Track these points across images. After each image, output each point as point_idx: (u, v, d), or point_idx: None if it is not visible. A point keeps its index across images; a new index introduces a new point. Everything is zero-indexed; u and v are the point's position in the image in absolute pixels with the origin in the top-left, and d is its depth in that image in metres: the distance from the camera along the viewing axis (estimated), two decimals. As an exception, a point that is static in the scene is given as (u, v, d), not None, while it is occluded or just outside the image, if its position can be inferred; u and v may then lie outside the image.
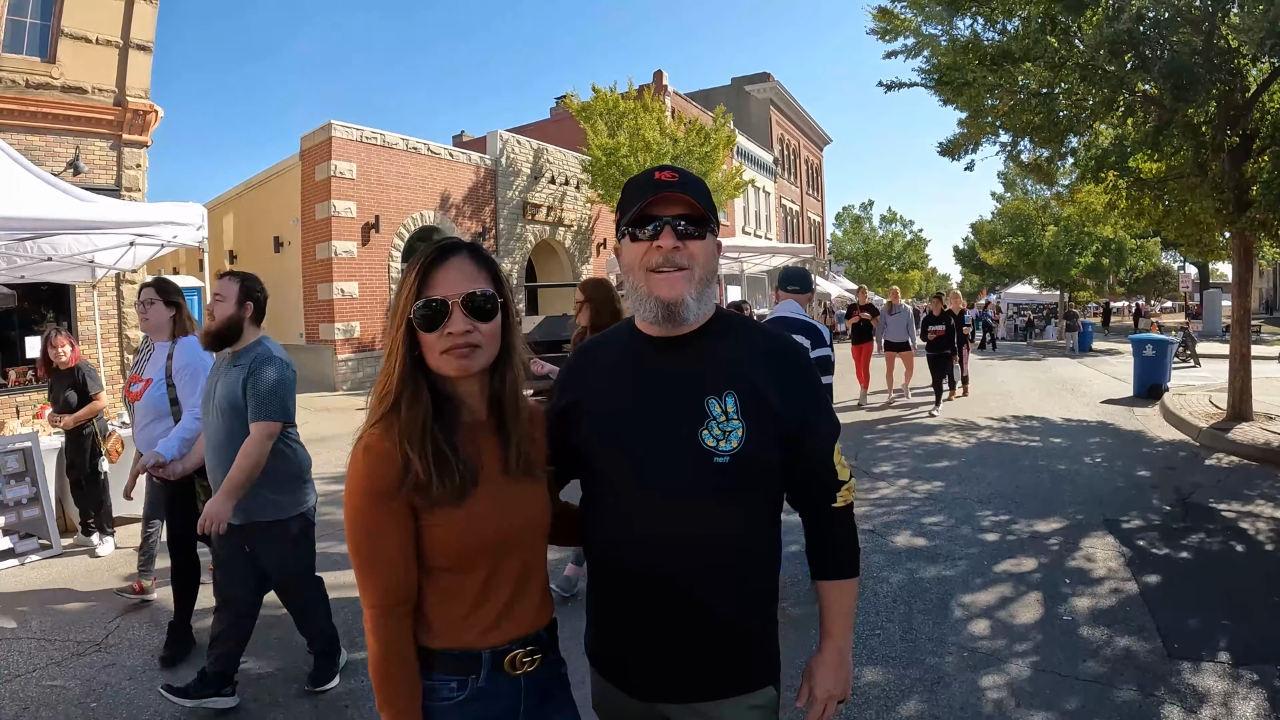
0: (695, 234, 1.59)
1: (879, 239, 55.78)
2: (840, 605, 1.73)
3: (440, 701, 1.52)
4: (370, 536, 1.46)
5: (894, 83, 10.61)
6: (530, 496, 1.60)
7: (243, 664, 3.87)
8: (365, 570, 1.48)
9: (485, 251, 1.60)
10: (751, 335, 1.71)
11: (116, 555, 6.30)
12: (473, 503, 1.49)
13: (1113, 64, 8.52)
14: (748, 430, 1.56)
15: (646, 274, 1.59)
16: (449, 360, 1.49)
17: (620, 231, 1.65)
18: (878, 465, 8.85)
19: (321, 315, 18.17)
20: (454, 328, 1.47)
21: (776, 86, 41.99)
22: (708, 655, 1.61)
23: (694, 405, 1.58)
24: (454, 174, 20.73)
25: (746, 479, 1.58)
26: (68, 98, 12.38)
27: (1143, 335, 14.80)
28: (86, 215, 6.13)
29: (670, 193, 1.58)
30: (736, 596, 1.61)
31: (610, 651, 1.73)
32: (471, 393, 1.58)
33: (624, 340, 1.76)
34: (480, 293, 1.51)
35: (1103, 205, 13.00)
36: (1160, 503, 6.92)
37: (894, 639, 4.34)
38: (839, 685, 1.70)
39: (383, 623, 1.47)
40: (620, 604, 1.67)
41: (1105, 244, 30.34)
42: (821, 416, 1.68)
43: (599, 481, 1.70)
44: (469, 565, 1.51)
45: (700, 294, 1.61)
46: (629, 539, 1.61)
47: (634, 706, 1.69)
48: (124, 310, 13.12)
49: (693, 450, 1.56)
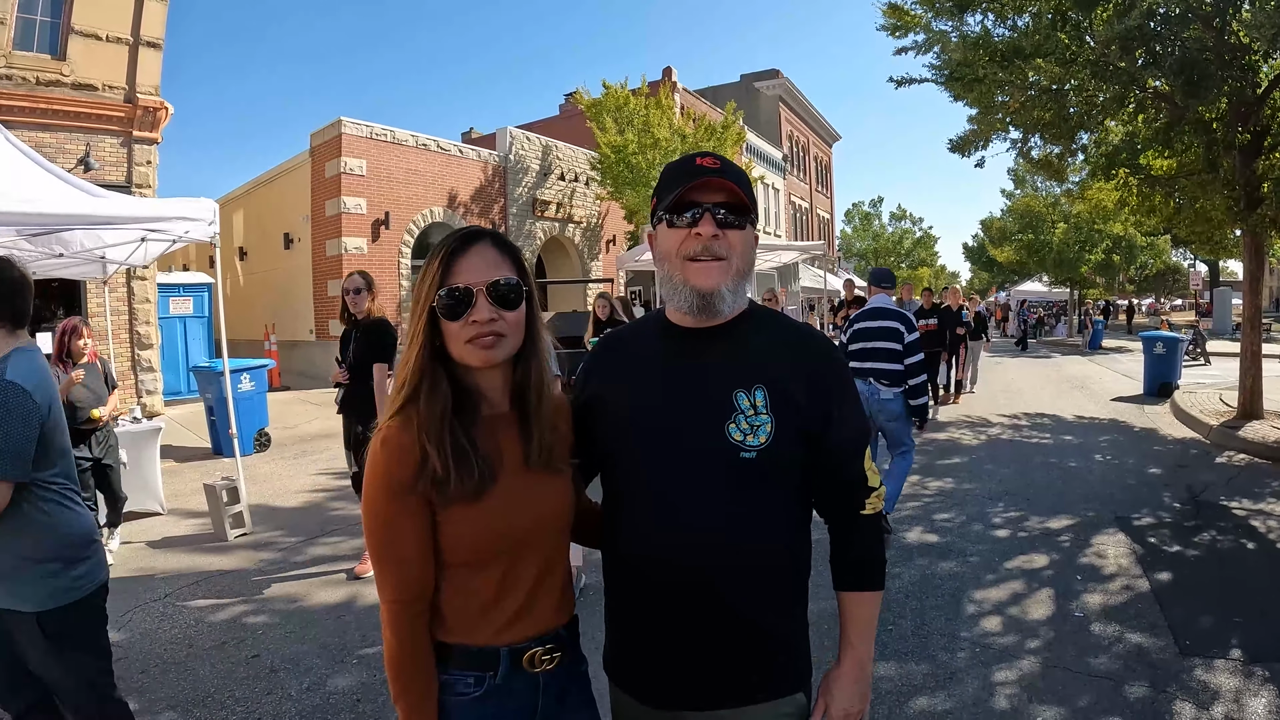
0: (736, 223, 1.54)
1: (888, 236, 55.71)
2: (862, 617, 1.65)
3: (456, 696, 1.51)
4: (387, 531, 1.45)
5: (904, 79, 10.57)
6: (552, 491, 1.57)
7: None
8: (382, 565, 1.47)
9: (508, 240, 1.57)
10: (783, 329, 1.66)
11: (126, 549, 6.33)
12: (491, 499, 1.46)
13: (1123, 60, 8.47)
14: (776, 425, 1.51)
15: (683, 262, 1.54)
16: (473, 350, 1.46)
17: (656, 217, 1.59)
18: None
19: (331, 312, 18.15)
20: (479, 315, 1.44)
21: (786, 83, 41.88)
22: (732, 659, 1.55)
23: (722, 398, 1.52)
24: (463, 170, 20.75)
25: (773, 475, 1.53)
26: (78, 95, 12.42)
27: (1153, 333, 14.77)
28: (98, 211, 6.14)
29: (712, 178, 1.51)
30: (763, 597, 1.55)
31: (629, 658, 1.66)
32: (494, 384, 1.55)
33: (652, 331, 1.70)
34: (505, 281, 1.48)
35: (1113, 202, 12.92)
36: (1171, 500, 6.90)
37: (906, 634, 4.33)
38: (857, 702, 1.62)
39: (399, 618, 1.46)
40: (640, 605, 1.61)
41: (1115, 241, 30.27)
42: (848, 415, 1.60)
43: (620, 475, 1.65)
44: (486, 561, 1.49)
45: (737, 286, 1.56)
46: (650, 536, 1.56)
47: (657, 718, 1.63)
48: (135, 307, 13.17)
49: (719, 444, 1.50)
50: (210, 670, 4.15)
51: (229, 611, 5.00)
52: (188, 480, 8.54)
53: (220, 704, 3.78)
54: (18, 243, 6.73)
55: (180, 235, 7.04)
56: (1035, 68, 8.91)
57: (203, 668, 4.17)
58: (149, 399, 13.06)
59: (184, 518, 7.33)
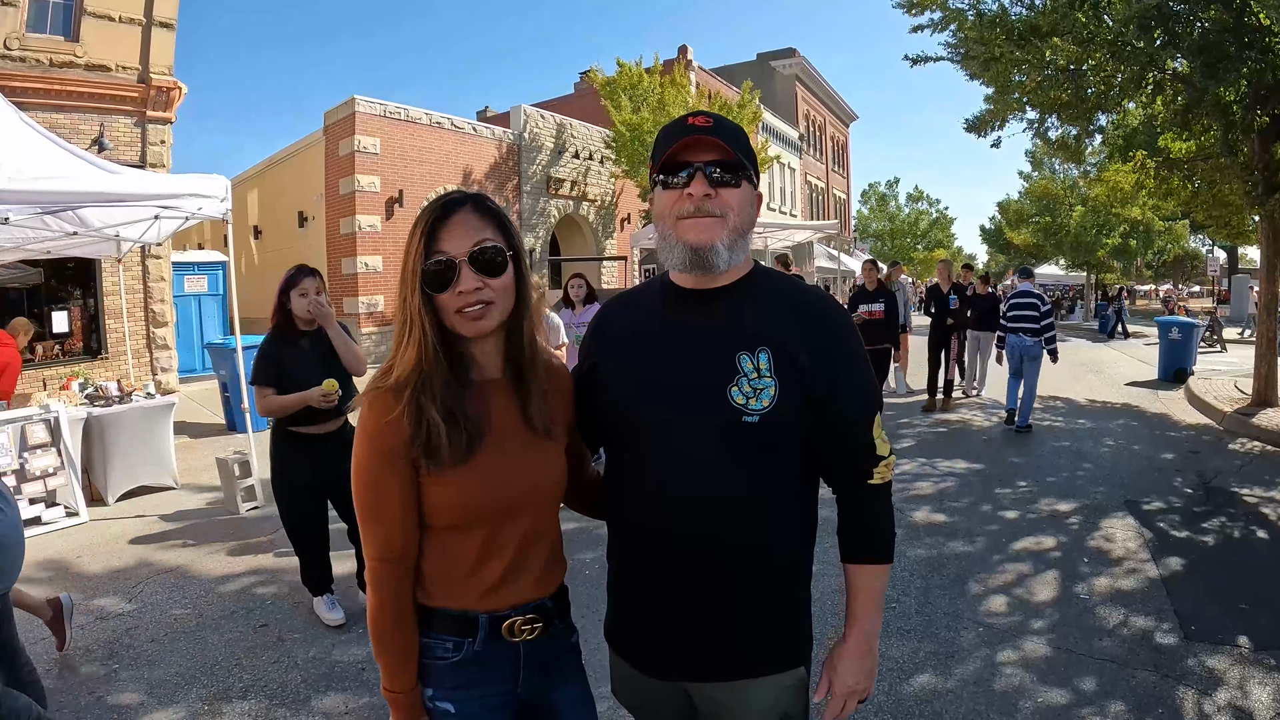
0: (729, 181, 1.50)
1: (904, 217, 55.31)
2: (868, 589, 1.60)
3: (436, 660, 1.53)
4: (373, 491, 1.47)
5: (920, 57, 10.47)
6: (543, 459, 1.57)
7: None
8: (367, 523, 1.48)
9: (491, 202, 1.54)
10: (789, 290, 1.61)
11: (140, 522, 6.40)
12: (477, 464, 1.46)
13: (1141, 40, 8.37)
14: (780, 389, 1.47)
15: (676, 221, 1.52)
16: (463, 322, 1.46)
17: (652, 180, 1.57)
18: (899, 441, 8.83)
19: (346, 290, 18.25)
20: (464, 286, 1.44)
21: (802, 62, 41.50)
22: (730, 629, 1.54)
23: (725, 361, 1.49)
24: (477, 149, 20.70)
25: (777, 440, 1.50)
26: (91, 76, 12.43)
27: (1169, 318, 14.66)
28: (115, 187, 6.17)
29: (702, 136, 1.49)
30: (763, 567, 1.53)
31: (629, 627, 1.66)
32: (486, 349, 1.55)
33: (656, 293, 1.67)
34: (488, 246, 1.47)
35: (1131, 185, 12.81)
36: (1182, 486, 6.86)
37: (910, 613, 4.34)
38: (863, 679, 1.60)
39: (382, 576, 1.48)
40: (639, 573, 1.61)
41: (1133, 225, 29.97)
42: (855, 380, 1.55)
43: (621, 441, 1.63)
44: (468, 525, 1.50)
45: (733, 242, 1.52)
46: (649, 502, 1.54)
47: (654, 688, 1.64)
48: (149, 285, 13.24)
49: (721, 407, 1.47)
50: (219, 639, 4.21)
51: (239, 583, 5.07)
52: (201, 455, 8.61)
53: (228, 672, 3.84)
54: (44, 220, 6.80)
55: (193, 212, 7.08)
56: (1052, 47, 8.81)
57: (212, 637, 4.24)
58: (164, 376, 13.15)
59: (197, 492, 7.41)
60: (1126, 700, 3.40)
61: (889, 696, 3.49)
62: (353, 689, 3.66)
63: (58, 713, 3.48)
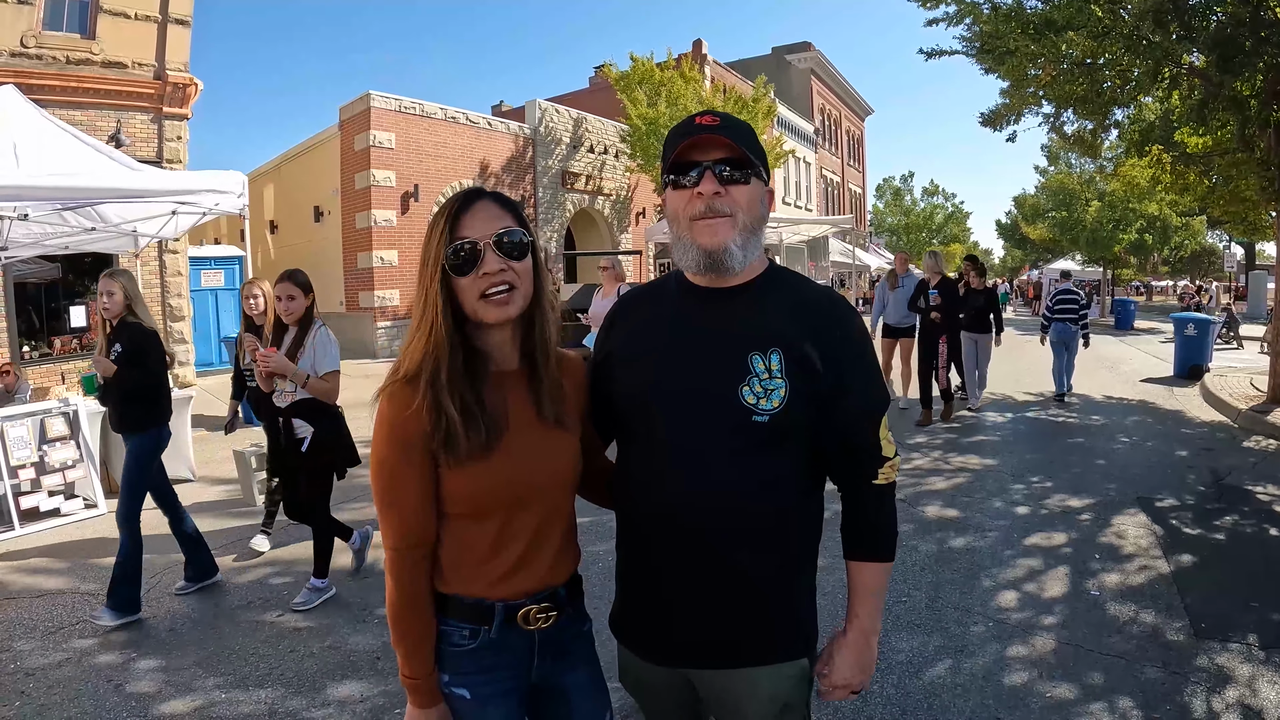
0: (738, 179, 1.52)
1: (920, 211, 54.98)
2: (869, 587, 1.62)
3: (452, 647, 1.56)
4: (391, 482, 1.50)
5: (935, 50, 10.44)
6: (557, 449, 1.59)
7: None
8: (385, 513, 1.51)
9: (508, 197, 1.58)
10: (802, 291, 1.63)
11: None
12: (497, 454, 1.49)
13: (1157, 34, 8.30)
14: (790, 390, 1.49)
15: (689, 222, 1.54)
16: (486, 306, 1.48)
17: (663, 181, 1.59)
18: (912, 436, 8.83)
19: (361, 284, 18.35)
20: (489, 267, 1.46)
21: (818, 56, 41.36)
22: (734, 619, 1.56)
23: (737, 360, 1.51)
24: (493, 143, 20.77)
25: (785, 440, 1.52)
26: (108, 73, 12.55)
27: (1184, 314, 14.58)
28: (133, 184, 6.25)
29: (709, 135, 1.50)
30: (768, 560, 1.55)
31: (634, 616, 1.68)
32: (503, 340, 1.57)
33: (672, 289, 1.69)
34: (509, 231, 1.50)
35: (1147, 180, 12.72)
36: (1195, 483, 6.83)
37: (920, 607, 4.36)
38: (858, 673, 1.61)
39: (399, 564, 1.51)
40: (646, 563, 1.63)
41: (1150, 221, 29.74)
42: (862, 382, 1.57)
43: (631, 436, 1.66)
44: (484, 514, 1.52)
45: (746, 241, 1.54)
46: (658, 495, 1.56)
47: (659, 675, 1.66)
48: (167, 280, 13.36)
49: (731, 407, 1.49)
50: (235, 628, 4.28)
51: (255, 573, 5.14)
52: (218, 448, 8.68)
53: (244, 660, 3.90)
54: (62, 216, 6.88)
55: (210, 208, 7.14)
56: (1068, 40, 8.77)
57: (228, 625, 4.31)
58: (181, 370, 13.27)
59: (213, 484, 7.51)
60: (1135, 697, 3.40)
61: (897, 690, 3.50)
62: (368, 678, 3.71)
63: (76, 701, 3.55)
